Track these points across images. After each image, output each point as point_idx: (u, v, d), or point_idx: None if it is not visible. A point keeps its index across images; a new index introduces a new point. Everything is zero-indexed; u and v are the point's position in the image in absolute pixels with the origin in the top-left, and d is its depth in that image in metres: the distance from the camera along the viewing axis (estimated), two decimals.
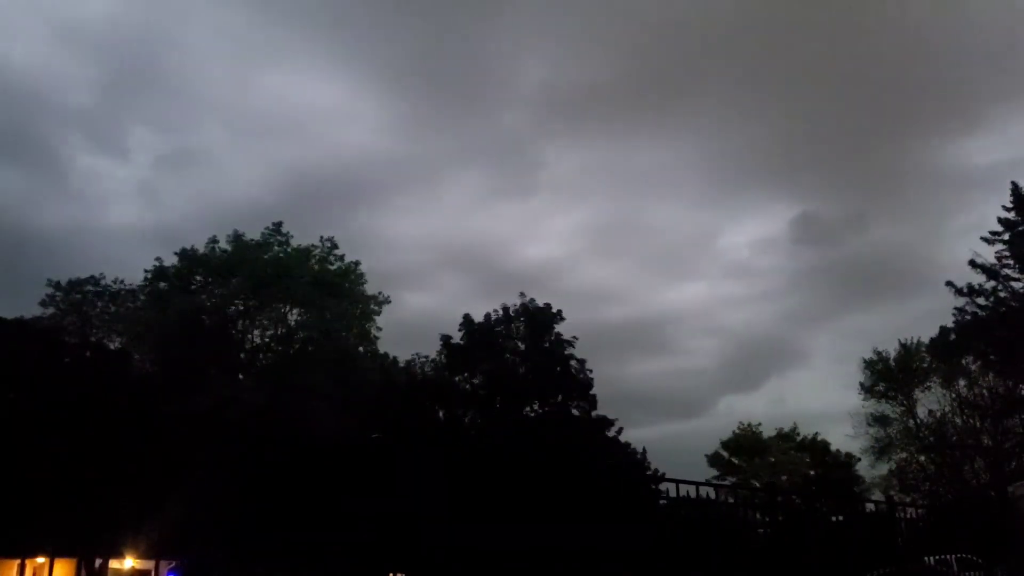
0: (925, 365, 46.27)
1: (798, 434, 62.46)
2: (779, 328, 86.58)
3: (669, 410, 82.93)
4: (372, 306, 36.51)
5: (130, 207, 74.55)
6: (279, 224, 36.42)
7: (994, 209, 38.04)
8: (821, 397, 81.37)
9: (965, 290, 38.80)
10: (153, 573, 32.92)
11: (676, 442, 63.47)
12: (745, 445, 61.36)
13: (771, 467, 56.04)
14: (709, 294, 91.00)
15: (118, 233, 67.33)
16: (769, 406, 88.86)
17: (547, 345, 34.20)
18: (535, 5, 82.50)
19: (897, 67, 76.90)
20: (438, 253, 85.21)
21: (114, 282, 33.85)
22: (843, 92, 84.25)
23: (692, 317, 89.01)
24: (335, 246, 36.81)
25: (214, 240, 35.34)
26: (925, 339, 46.10)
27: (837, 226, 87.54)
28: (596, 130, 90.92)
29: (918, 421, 46.38)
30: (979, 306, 38.78)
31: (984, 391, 42.85)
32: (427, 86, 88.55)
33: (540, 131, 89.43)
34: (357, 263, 36.90)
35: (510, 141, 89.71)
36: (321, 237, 36.95)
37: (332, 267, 36.45)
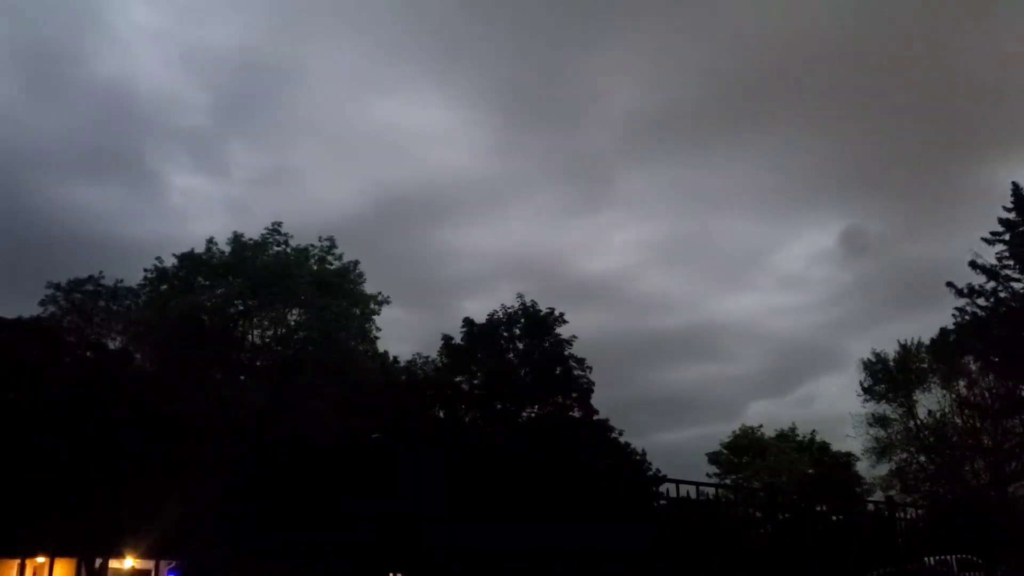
0: (925, 366, 46.29)
1: (797, 434, 62.56)
2: (823, 336, 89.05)
3: (708, 414, 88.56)
4: (372, 305, 36.41)
5: (219, 222, 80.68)
6: (279, 224, 36.36)
7: None
8: (851, 401, 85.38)
9: (965, 291, 38.83)
10: (153, 573, 32.96)
11: (709, 445, 65.42)
12: (744, 446, 61.45)
13: (770, 467, 56.07)
14: (761, 304, 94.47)
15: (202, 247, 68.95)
16: (798, 410, 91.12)
17: (547, 346, 34.22)
18: (627, 36, 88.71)
19: (951, 91, 79.58)
20: (508, 265, 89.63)
21: (116, 283, 33.80)
22: (900, 114, 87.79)
23: (742, 326, 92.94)
24: (334, 245, 36.71)
25: (212, 241, 35.30)
26: (925, 340, 46.21)
27: (887, 240, 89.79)
28: (669, 151, 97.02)
29: (918, 422, 46.39)
30: (979, 306, 38.79)
31: (984, 391, 42.85)
32: (520, 111, 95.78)
33: (618, 152, 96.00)
34: (356, 263, 36.82)
35: (590, 161, 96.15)
36: (319, 236, 36.77)
37: (331, 267, 36.36)
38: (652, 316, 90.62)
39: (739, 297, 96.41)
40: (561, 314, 34.63)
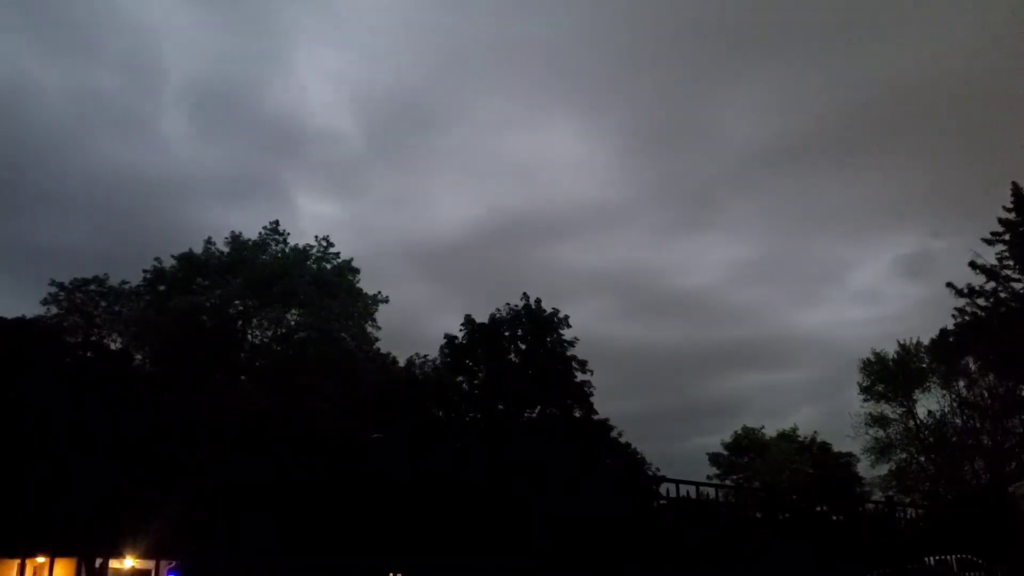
0: (924, 366, 46.29)
1: (798, 435, 62.54)
2: (883, 346, 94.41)
3: (757, 418, 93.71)
4: (370, 304, 36.35)
5: (340, 242, 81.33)
6: (276, 223, 36.34)
7: None
8: None
9: (965, 291, 38.86)
10: (153, 573, 32.91)
11: None
12: (745, 446, 61.44)
13: (770, 467, 56.07)
14: (832, 317, 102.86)
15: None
16: (838, 414, 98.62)
17: (549, 346, 34.19)
18: (743, 78, 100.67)
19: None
20: (609, 279, 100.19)
21: (120, 284, 33.75)
22: (976, 141, 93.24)
23: (809, 337, 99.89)
24: (331, 244, 36.67)
25: (210, 241, 35.28)
26: (924, 340, 46.25)
27: (957, 258, 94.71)
28: (771, 179, 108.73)
29: (918, 422, 46.40)
30: (979, 307, 38.83)
31: (984, 391, 42.86)
32: (641, 144, 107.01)
33: (725, 180, 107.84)
34: (350, 260, 36.76)
35: (698, 187, 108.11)
36: (316, 236, 36.75)
37: (328, 266, 36.33)
38: (730, 327, 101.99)
39: (813, 310, 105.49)
40: (565, 316, 34.62)
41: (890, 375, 47.29)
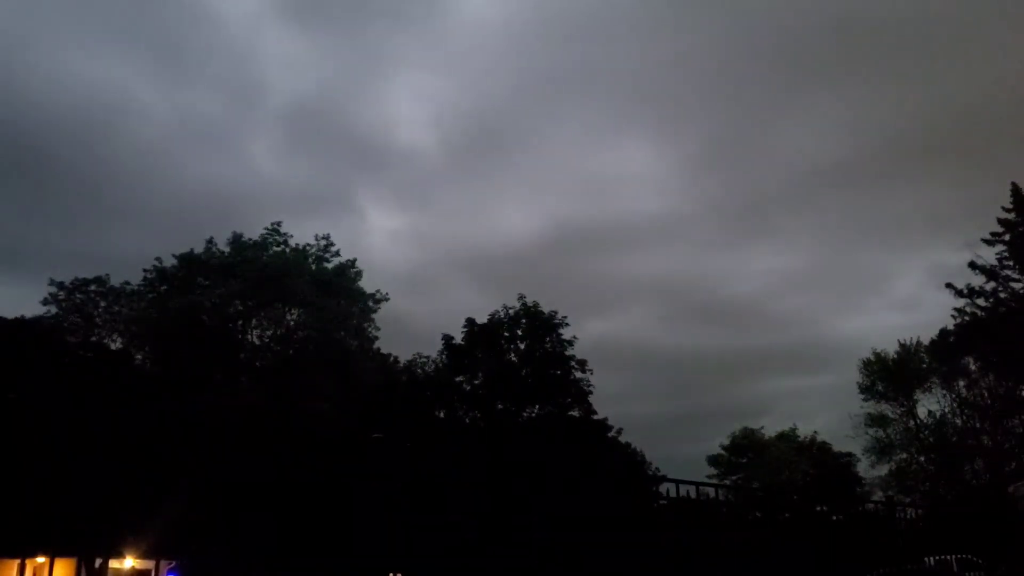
0: (924, 366, 46.27)
1: (798, 435, 62.46)
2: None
3: (781, 420, 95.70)
4: (370, 303, 36.25)
5: (391, 252, 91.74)
6: (278, 224, 36.26)
7: None
8: None
9: (965, 291, 38.85)
10: (153, 573, 32.93)
11: None
12: (745, 446, 61.33)
13: (769, 467, 55.99)
14: (871, 324, 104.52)
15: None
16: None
17: (548, 347, 34.16)
18: (802, 102, 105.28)
19: None
20: (659, 287, 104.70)
21: (123, 284, 33.69)
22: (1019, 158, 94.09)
23: (848, 343, 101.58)
24: (331, 243, 36.57)
25: (211, 242, 35.22)
26: (925, 340, 46.26)
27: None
28: (821, 195, 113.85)
29: (918, 422, 46.39)
30: (979, 307, 38.82)
31: (984, 391, 42.85)
32: (703, 160, 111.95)
33: (778, 195, 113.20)
34: (353, 261, 36.67)
35: (752, 202, 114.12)
36: (316, 236, 36.57)
37: (328, 266, 36.23)
38: (772, 334, 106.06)
39: (853, 318, 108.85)
40: (564, 317, 34.59)
41: (890, 375, 47.28)
